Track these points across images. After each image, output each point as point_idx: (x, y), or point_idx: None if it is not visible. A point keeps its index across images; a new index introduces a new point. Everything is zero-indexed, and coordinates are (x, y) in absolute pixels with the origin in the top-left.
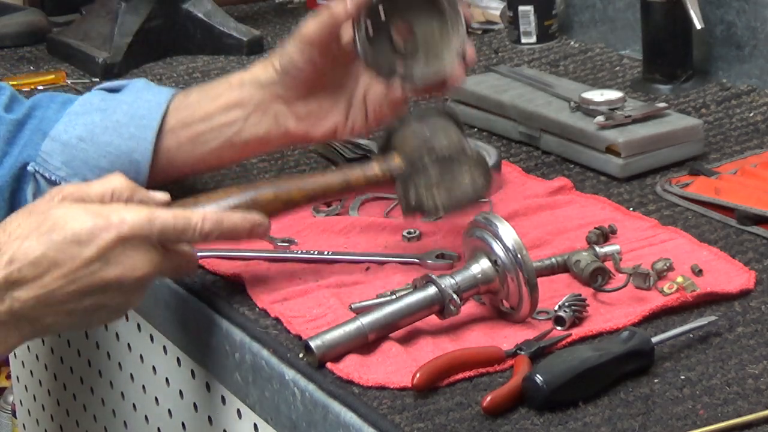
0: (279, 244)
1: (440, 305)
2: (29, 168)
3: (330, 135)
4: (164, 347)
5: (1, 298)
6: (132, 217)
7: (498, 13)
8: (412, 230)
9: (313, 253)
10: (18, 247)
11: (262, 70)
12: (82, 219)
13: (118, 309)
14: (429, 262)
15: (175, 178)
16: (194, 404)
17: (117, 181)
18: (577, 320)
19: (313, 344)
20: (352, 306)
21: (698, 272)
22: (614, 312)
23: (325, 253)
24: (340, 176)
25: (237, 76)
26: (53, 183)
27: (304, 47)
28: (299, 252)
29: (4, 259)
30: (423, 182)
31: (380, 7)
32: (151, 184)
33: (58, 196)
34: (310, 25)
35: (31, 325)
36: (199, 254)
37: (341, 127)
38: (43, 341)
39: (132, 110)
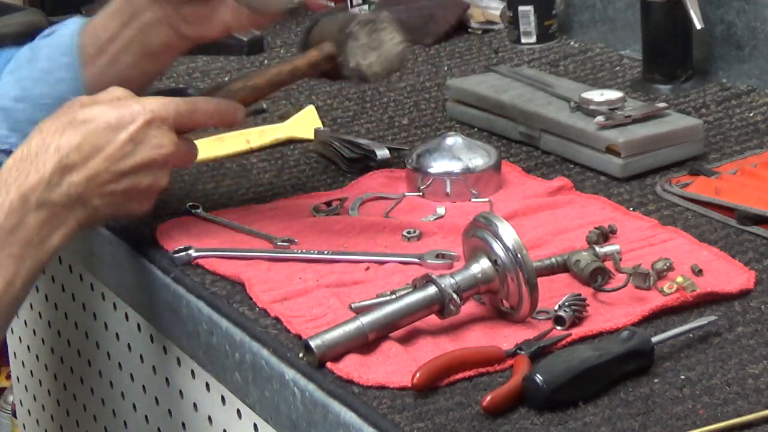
0: (279, 243)
1: (440, 305)
2: None
3: (224, 32)
4: (164, 347)
5: (58, 183)
6: (151, 103)
7: (498, 13)
8: (412, 230)
9: (313, 253)
10: (59, 138)
11: None
12: (108, 111)
13: (147, 191)
14: (429, 261)
15: None
16: (194, 404)
17: (119, 91)
18: (577, 320)
19: (313, 344)
20: (352, 306)
21: (698, 272)
22: (614, 312)
23: (325, 253)
24: (289, 64)
25: None
26: (8, 153)
27: None
28: (299, 252)
29: (51, 149)
30: (357, 48)
31: None
32: None
33: (76, 104)
34: None
35: (83, 207)
36: (198, 255)
37: (231, 23)
38: (42, 341)
39: (51, 52)
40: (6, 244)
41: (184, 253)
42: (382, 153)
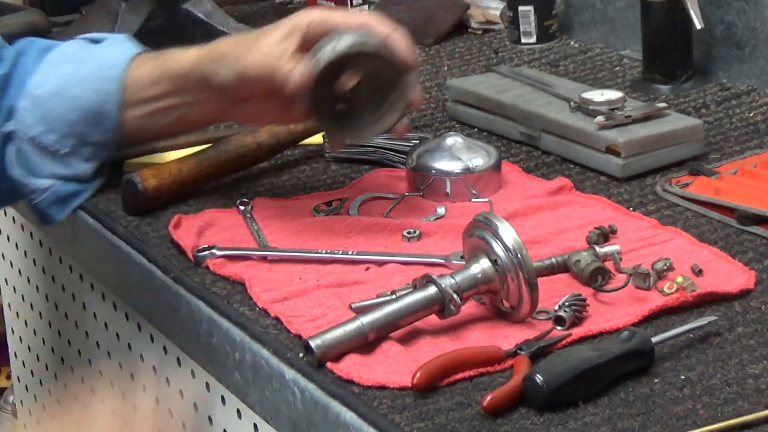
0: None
1: (440, 305)
2: (8, 127)
3: (272, 124)
4: (164, 347)
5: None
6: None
7: (498, 13)
8: (411, 230)
9: (313, 253)
10: None
11: (204, 70)
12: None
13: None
14: (455, 262)
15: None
16: (194, 404)
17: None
18: (577, 320)
19: (313, 344)
20: (352, 306)
21: (698, 272)
22: (614, 312)
23: (325, 253)
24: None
25: (186, 60)
26: (33, 143)
27: (243, 83)
28: (299, 252)
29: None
30: None
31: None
32: (125, 140)
33: None
34: (252, 68)
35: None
36: (201, 254)
37: (283, 119)
38: (43, 341)
39: (101, 60)
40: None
41: (207, 252)
42: None
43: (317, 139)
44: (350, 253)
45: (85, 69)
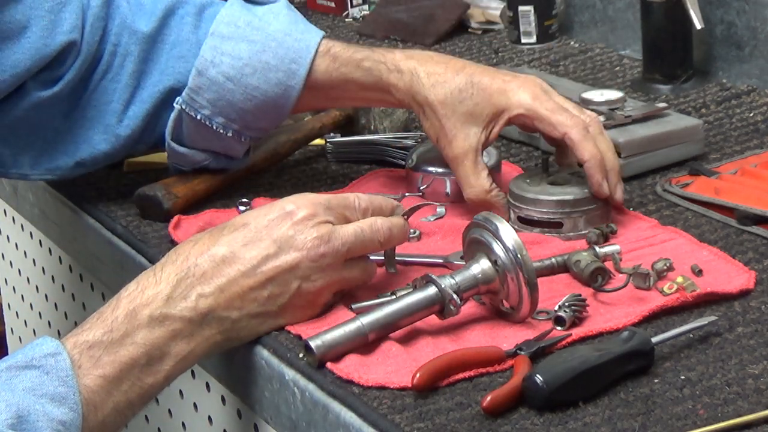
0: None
1: (440, 305)
2: (176, 105)
3: None
4: None
5: (183, 296)
6: (299, 199)
7: (498, 13)
8: (412, 230)
9: None
10: (190, 248)
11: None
12: (250, 212)
13: (301, 296)
14: (455, 262)
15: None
16: (194, 404)
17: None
18: (577, 320)
19: (313, 344)
20: (352, 306)
21: (698, 272)
22: (614, 312)
23: None
24: (318, 121)
25: (374, 73)
26: (197, 122)
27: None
28: None
29: (179, 259)
30: (376, 114)
31: None
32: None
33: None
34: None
35: (217, 323)
36: None
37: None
38: None
39: (281, 51)
40: (100, 363)
41: None
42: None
43: (317, 140)
44: None
45: (263, 57)
